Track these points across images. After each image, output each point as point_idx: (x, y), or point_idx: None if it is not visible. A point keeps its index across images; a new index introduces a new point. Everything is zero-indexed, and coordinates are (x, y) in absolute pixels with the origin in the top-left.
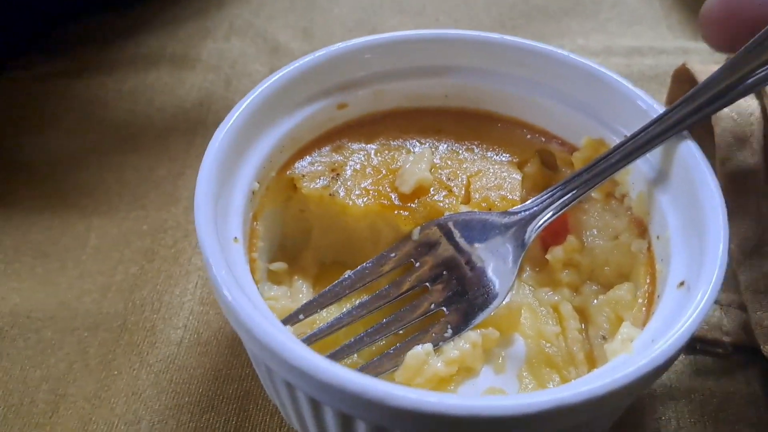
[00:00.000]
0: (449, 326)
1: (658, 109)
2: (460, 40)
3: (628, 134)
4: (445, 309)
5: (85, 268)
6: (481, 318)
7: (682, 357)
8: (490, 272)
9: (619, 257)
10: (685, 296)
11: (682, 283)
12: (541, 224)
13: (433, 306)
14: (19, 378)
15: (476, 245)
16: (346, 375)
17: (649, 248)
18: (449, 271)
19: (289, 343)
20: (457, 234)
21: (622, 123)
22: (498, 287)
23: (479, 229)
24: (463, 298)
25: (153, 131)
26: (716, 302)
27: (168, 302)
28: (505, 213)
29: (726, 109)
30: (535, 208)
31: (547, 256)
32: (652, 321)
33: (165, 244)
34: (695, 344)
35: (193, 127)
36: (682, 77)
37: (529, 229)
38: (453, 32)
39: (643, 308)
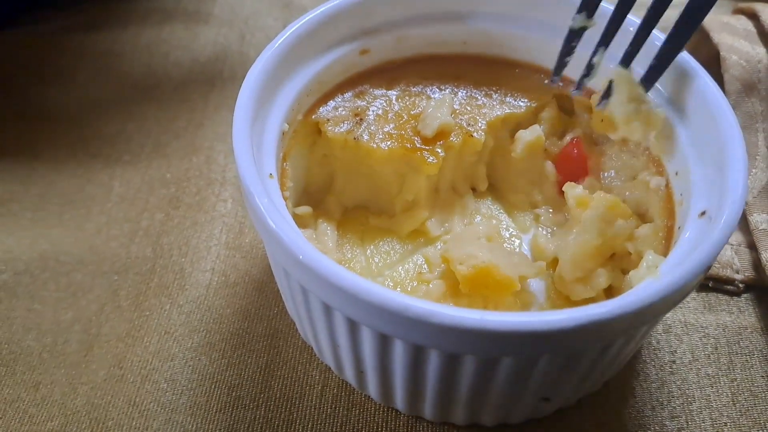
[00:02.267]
0: None
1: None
2: None
3: (644, 71)
4: None
5: (111, 214)
6: None
7: (695, 294)
8: None
9: (637, 195)
10: (707, 224)
11: (703, 213)
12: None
13: None
14: (52, 320)
15: None
16: (384, 293)
17: (667, 185)
18: None
19: (331, 265)
20: None
21: (638, 61)
22: None
23: None
24: None
25: (171, 84)
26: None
27: (195, 246)
28: None
29: (735, 57)
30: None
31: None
32: (676, 248)
33: (189, 191)
34: (708, 282)
35: (210, 80)
36: None
37: None
38: None
39: (664, 240)
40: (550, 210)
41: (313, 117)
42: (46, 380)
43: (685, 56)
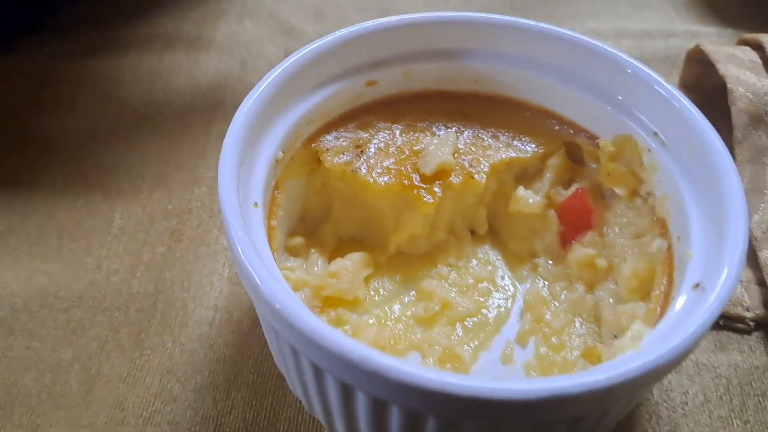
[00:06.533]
0: None
1: (688, 105)
2: (494, 25)
3: (656, 129)
4: None
5: (112, 248)
6: None
7: None
8: None
9: (638, 256)
10: (699, 297)
11: (697, 285)
12: None
13: None
14: (51, 358)
15: None
16: (347, 344)
17: (669, 248)
18: None
19: (296, 307)
20: None
21: (650, 117)
22: None
23: None
24: None
25: (172, 112)
26: None
27: (197, 282)
28: None
29: (741, 89)
30: None
31: (568, 255)
32: (664, 320)
33: (191, 224)
34: (719, 320)
35: (211, 108)
36: (696, 58)
37: None
38: (486, 16)
39: (658, 308)
40: (550, 262)
41: (312, 145)
42: (45, 423)
43: (700, 120)
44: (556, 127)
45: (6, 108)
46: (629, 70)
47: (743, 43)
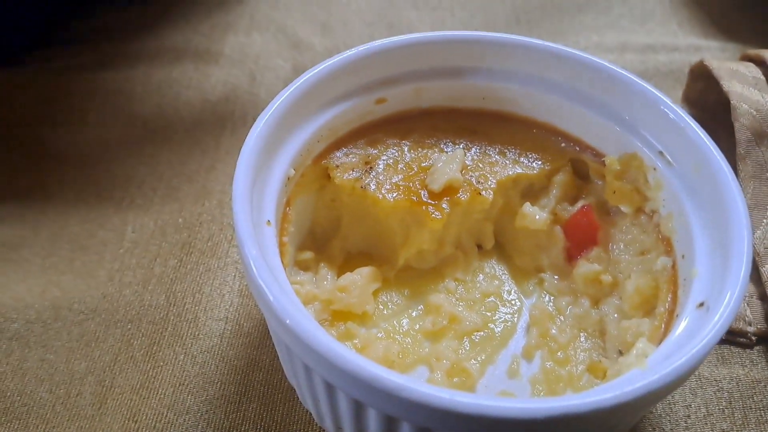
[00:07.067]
0: None
1: (693, 125)
2: (503, 44)
3: (661, 148)
4: None
5: (124, 261)
6: None
7: None
8: None
9: (642, 273)
10: (703, 316)
11: (701, 304)
12: None
13: None
14: (65, 370)
15: None
16: (360, 362)
17: (673, 266)
18: None
19: (310, 325)
20: None
21: (656, 136)
22: None
23: None
24: None
25: (182, 125)
26: None
27: (208, 294)
28: None
29: (745, 105)
30: None
31: (573, 270)
32: (668, 339)
33: (201, 237)
34: None
35: (221, 121)
36: (699, 73)
37: None
38: (495, 36)
39: (662, 325)
40: (556, 277)
41: (323, 162)
42: None
43: (705, 140)
44: (563, 144)
45: (18, 121)
46: (636, 90)
47: (746, 59)
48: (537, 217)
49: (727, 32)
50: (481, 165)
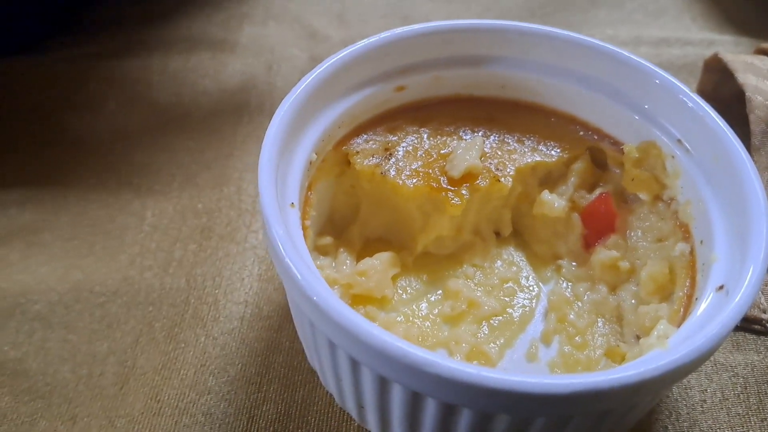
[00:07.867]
0: None
1: (712, 113)
2: (522, 33)
3: (680, 136)
4: None
5: (145, 244)
6: None
7: None
8: None
9: (660, 259)
10: (722, 299)
11: (721, 287)
12: None
13: None
14: (87, 351)
15: None
16: (387, 338)
17: (691, 252)
18: None
19: (336, 302)
20: None
21: (674, 125)
22: None
23: None
24: None
25: (199, 113)
26: None
27: (228, 278)
28: None
29: (760, 98)
30: None
31: (591, 257)
32: (689, 321)
33: (220, 222)
34: None
35: (238, 109)
36: (713, 66)
37: None
38: (514, 24)
39: (681, 309)
40: (573, 264)
41: (343, 148)
42: (83, 413)
43: (723, 128)
44: (581, 133)
45: (38, 108)
46: (656, 80)
47: (761, 52)
48: (555, 204)
49: (741, 26)
50: (499, 152)
